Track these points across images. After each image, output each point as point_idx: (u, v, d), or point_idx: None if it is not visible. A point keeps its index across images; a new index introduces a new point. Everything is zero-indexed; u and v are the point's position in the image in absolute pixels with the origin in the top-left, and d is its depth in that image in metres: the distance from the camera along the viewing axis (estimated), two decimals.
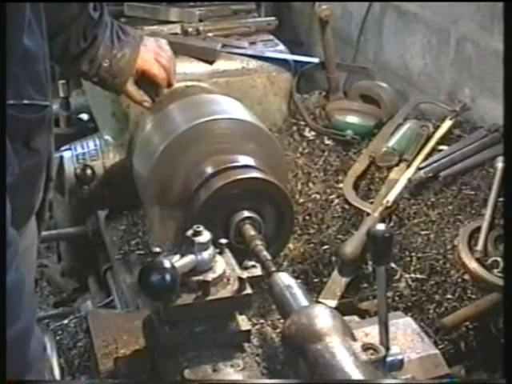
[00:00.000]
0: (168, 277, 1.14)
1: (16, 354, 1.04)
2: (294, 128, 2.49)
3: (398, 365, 1.20)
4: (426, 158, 2.28)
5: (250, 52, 2.37)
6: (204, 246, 1.23)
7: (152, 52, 1.88)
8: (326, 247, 2.12)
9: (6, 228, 1.01)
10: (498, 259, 1.90)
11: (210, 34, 2.41)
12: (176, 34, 2.41)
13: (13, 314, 1.02)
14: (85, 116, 2.90)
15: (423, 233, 2.06)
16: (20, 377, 1.06)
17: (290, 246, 2.08)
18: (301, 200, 2.24)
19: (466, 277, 1.92)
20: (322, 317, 1.20)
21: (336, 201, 2.25)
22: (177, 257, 1.22)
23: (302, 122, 2.52)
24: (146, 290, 1.16)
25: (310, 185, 2.31)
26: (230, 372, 1.22)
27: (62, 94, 2.81)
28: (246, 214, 1.73)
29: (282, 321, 1.36)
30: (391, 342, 1.21)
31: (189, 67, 2.26)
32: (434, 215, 2.11)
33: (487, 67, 2.55)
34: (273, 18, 2.61)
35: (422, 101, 2.66)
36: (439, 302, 1.90)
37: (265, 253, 1.57)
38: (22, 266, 1.09)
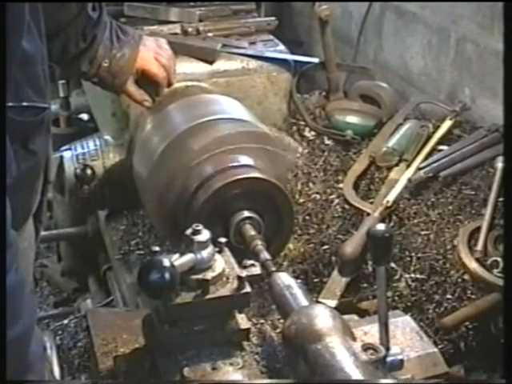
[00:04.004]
0: (167, 275, 1.14)
1: (17, 355, 1.04)
2: (294, 128, 2.50)
3: (398, 365, 1.20)
4: (425, 158, 2.28)
5: (249, 52, 2.36)
6: (203, 245, 1.23)
7: (152, 51, 1.88)
8: (326, 247, 2.12)
9: (6, 229, 1.01)
10: (498, 259, 1.90)
11: (210, 34, 2.40)
12: (176, 33, 2.41)
13: (13, 315, 1.02)
14: (85, 116, 2.90)
15: (423, 233, 2.06)
16: (20, 377, 1.06)
17: (290, 246, 2.08)
18: (301, 200, 2.24)
19: (466, 277, 1.92)
20: (322, 317, 1.19)
21: (336, 201, 2.25)
22: (176, 255, 1.22)
23: (302, 122, 2.52)
24: (146, 289, 1.16)
25: (310, 185, 2.31)
26: (229, 370, 1.22)
27: (62, 94, 2.81)
28: (246, 213, 1.73)
29: (281, 321, 1.36)
30: (390, 340, 1.21)
31: (189, 67, 2.26)
32: (434, 215, 2.11)
33: (487, 67, 2.55)
34: (273, 18, 2.60)
35: (422, 101, 2.66)
36: (439, 301, 1.91)
37: (265, 253, 1.57)
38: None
